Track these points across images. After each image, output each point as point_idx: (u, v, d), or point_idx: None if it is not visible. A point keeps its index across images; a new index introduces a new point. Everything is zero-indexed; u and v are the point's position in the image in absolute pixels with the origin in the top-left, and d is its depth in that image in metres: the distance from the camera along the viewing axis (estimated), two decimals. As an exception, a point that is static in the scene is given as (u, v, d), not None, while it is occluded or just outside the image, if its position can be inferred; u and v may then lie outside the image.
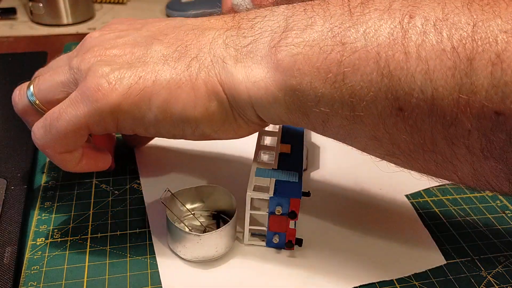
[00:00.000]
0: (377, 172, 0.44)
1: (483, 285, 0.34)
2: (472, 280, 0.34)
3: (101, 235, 0.36)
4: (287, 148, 0.38)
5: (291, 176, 0.35)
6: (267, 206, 0.33)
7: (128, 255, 0.35)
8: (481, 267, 0.35)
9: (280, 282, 0.33)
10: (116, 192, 0.40)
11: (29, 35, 0.71)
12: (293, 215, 0.33)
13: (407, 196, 0.41)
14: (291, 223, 0.34)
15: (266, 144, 0.39)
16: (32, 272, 0.33)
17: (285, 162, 0.36)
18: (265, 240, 0.35)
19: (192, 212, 0.37)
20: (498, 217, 0.40)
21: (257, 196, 0.33)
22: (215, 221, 0.37)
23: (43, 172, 0.42)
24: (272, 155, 0.37)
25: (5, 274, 0.31)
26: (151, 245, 0.35)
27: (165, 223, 0.34)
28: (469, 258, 0.36)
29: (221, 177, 0.42)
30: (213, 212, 0.37)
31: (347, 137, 0.29)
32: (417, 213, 0.40)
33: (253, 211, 0.35)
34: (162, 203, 0.34)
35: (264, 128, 0.41)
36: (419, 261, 0.35)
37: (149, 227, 0.37)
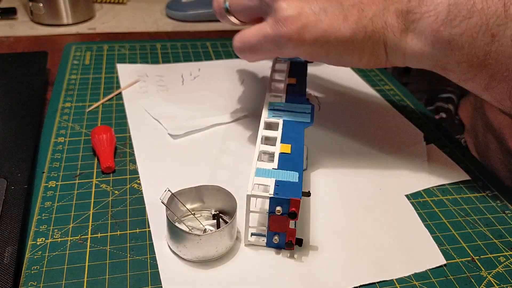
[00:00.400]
0: (377, 172, 0.44)
1: (483, 285, 0.34)
2: (472, 280, 0.34)
3: (101, 235, 0.36)
4: (287, 148, 0.38)
5: (291, 176, 0.35)
6: (267, 206, 0.33)
7: (128, 255, 0.35)
8: (481, 267, 0.35)
9: (280, 282, 0.33)
10: (116, 192, 0.40)
11: (29, 35, 0.71)
12: (293, 215, 0.33)
13: (407, 196, 0.41)
14: (291, 223, 0.34)
15: (267, 144, 0.39)
16: (32, 272, 0.33)
17: (285, 162, 0.36)
18: (265, 240, 0.35)
19: (192, 212, 0.37)
20: (498, 217, 0.40)
21: (257, 196, 0.33)
22: (215, 221, 0.37)
23: (43, 172, 0.42)
24: (272, 155, 0.37)
25: (5, 274, 0.31)
26: (151, 245, 0.35)
27: (165, 223, 0.34)
28: (469, 258, 0.36)
29: (221, 177, 0.42)
30: (213, 212, 0.37)
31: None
32: (417, 213, 0.40)
33: (253, 211, 0.35)
34: (162, 203, 0.34)
35: (265, 128, 0.41)
36: (419, 261, 0.35)
37: (149, 227, 0.37)
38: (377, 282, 0.33)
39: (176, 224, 0.33)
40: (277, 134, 0.40)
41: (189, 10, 0.77)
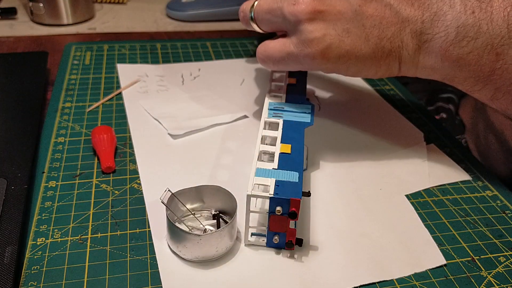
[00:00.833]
0: (377, 172, 0.44)
1: (483, 285, 0.34)
2: (472, 280, 0.34)
3: (101, 235, 0.36)
4: (287, 148, 0.38)
5: (291, 176, 0.35)
6: (267, 206, 0.33)
7: (128, 255, 0.35)
8: (481, 267, 0.35)
9: (280, 282, 0.33)
10: (116, 192, 0.40)
11: (29, 35, 0.71)
12: (293, 215, 0.33)
13: (407, 196, 0.41)
14: (291, 223, 0.34)
15: (267, 144, 0.39)
16: (32, 272, 0.33)
17: (285, 162, 0.36)
18: (265, 240, 0.35)
19: (192, 212, 0.37)
20: (498, 217, 0.40)
21: (257, 196, 0.33)
22: (215, 221, 0.37)
23: (43, 172, 0.42)
24: (272, 155, 0.37)
25: (5, 274, 0.31)
26: (151, 245, 0.35)
27: (165, 223, 0.34)
28: (469, 258, 0.36)
29: (221, 177, 0.42)
30: (213, 212, 0.37)
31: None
32: (417, 213, 0.40)
33: (253, 211, 0.35)
34: (162, 203, 0.34)
35: (265, 128, 0.41)
36: (419, 261, 0.35)
37: (149, 227, 0.37)
38: (377, 282, 0.33)
39: (176, 224, 0.33)
40: (277, 134, 0.40)
41: (189, 10, 0.77)
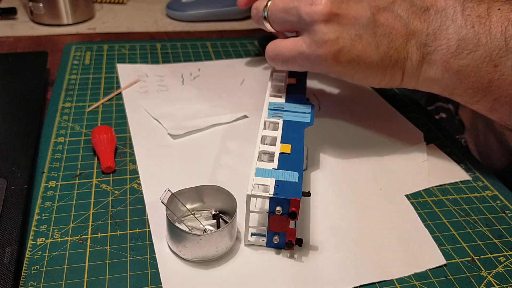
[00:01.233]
0: (377, 172, 0.44)
1: (483, 285, 0.34)
2: (472, 280, 0.34)
3: (101, 235, 0.36)
4: (287, 148, 0.38)
5: (291, 176, 0.35)
6: (267, 206, 0.33)
7: (128, 255, 0.35)
8: (481, 267, 0.35)
9: (280, 282, 0.33)
10: (116, 192, 0.40)
11: (29, 35, 0.71)
12: (293, 215, 0.33)
13: (407, 196, 0.41)
14: (291, 223, 0.34)
15: (267, 144, 0.39)
16: (32, 272, 0.33)
17: (285, 162, 0.36)
18: (265, 240, 0.35)
19: (192, 212, 0.37)
20: (498, 217, 0.40)
21: (257, 196, 0.33)
22: (215, 221, 0.37)
23: (43, 172, 0.42)
24: (272, 155, 0.37)
25: (5, 274, 0.31)
26: (151, 245, 0.35)
27: (165, 223, 0.34)
28: (469, 258, 0.36)
29: (221, 177, 0.42)
30: (213, 212, 0.37)
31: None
32: (417, 213, 0.40)
33: (253, 211, 0.35)
34: (162, 203, 0.34)
35: (265, 128, 0.41)
36: (419, 261, 0.35)
37: (149, 227, 0.37)
38: (377, 282, 0.33)
39: (176, 224, 0.33)
40: (277, 134, 0.40)
41: (189, 10, 0.77)
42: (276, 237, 0.35)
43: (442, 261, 0.35)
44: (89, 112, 0.51)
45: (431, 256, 0.36)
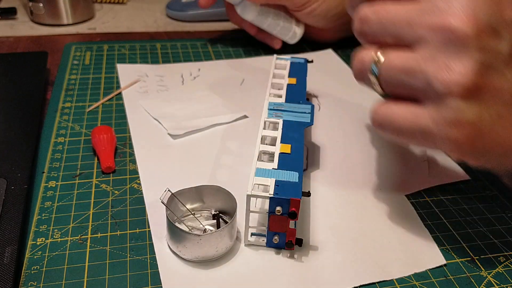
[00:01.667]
0: (377, 172, 0.44)
1: (483, 285, 0.34)
2: (472, 280, 0.34)
3: (101, 235, 0.36)
4: (287, 148, 0.38)
5: (291, 176, 0.35)
6: (267, 206, 0.33)
7: (128, 255, 0.35)
8: (481, 267, 0.35)
9: (280, 282, 0.33)
10: (116, 192, 0.40)
11: (29, 35, 0.71)
12: (293, 215, 0.33)
13: (407, 196, 0.41)
14: (291, 223, 0.34)
15: (266, 144, 0.39)
16: (32, 272, 0.33)
17: (285, 162, 0.36)
18: (265, 240, 0.35)
19: (192, 212, 0.37)
20: (498, 217, 0.40)
21: (257, 196, 0.33)
22: (215, 221, 0.37)
23: (43, 172, 0.42)
24: (272, 155, 0.37)
25: (5, 274, 0.31)
26: (151, 245, 0.35)
27: (165, 223, 0.34)
28: (469, 258, 0.36)
29: (221, 177, 0.42)
30: (213, 212, 0.37)
31: None
32: (417, 213, 0.40)
33: (253, 211, 0.35)
34: (162, 203, 0.34)
35: (265, 128, 0.41)
36: (419, 261, 0.35)
37: (149, 227, 0.37)
38: (377, 282, 0.33)
39: (176, 224, 0.33)
40: (277, 134, 0.40)
41: (189, 10, 0.77)
42: (276, 237, 0.35)
43: (442, 261, 0.35)
44: (89, 112, 0.51)
45: (431, 256, 0.36)
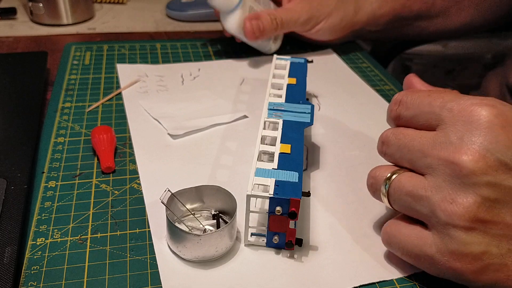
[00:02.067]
0: (377, 172, 0.44)
1: (483, 285, 0.34)
2: (472, 280, 0.34)
3: (101, 235, 0.36)
4: (287, 148, 0.38)
5: (291, 176, 0.35)
6: (267, 206, 0.33)
7: (128, 255, 0.35)
8: (481, 267, 0.35)
9: (280, 282, 0.33)
10: (116, 192, 0.40)
11: (29, 35, 0.71)
12: (293, 215, 0.33)
13: (407, 196, 0.41)
14: (291, 223, 0.34)
15: (266, 144, 0.39)
16: (32, 272, 0.33)
17: (285, 162, 0.36)
18: (265, 240, 0.35)
19: (192, 212, 0.37)
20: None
21: (257, 196, 0.33)
22: (215, 221, 0.37)
23: (43, 172, 0.42)
24: (272, 155, 0.37)
25: (5, 274, 0.31)
26: (151, 245, 0.35)
27: (165, 223, 0.34)
28: (469, 258, 0.36)
29: (221, 177, 0.42)
30: (213, 212, 0.37)
31: None
32: (417, 213, 0.40)
33: (253, 211, 0.35)
34: (162, 203, 0.34)
35: (265, 128, 0.41)
36: (419, 261, 0.35)
37: (149, 227, 0.37)
38: (377, 282, 0.33)
39: (176, 224, 0.33)
40: (277, 134, 0.40)
41: (189, 10, 0.77)
42: (276, 237, 0.35)
43: (442, 261, 0.35)
44: (89, 112, 0.51)
45: (431, 256, 0.36)
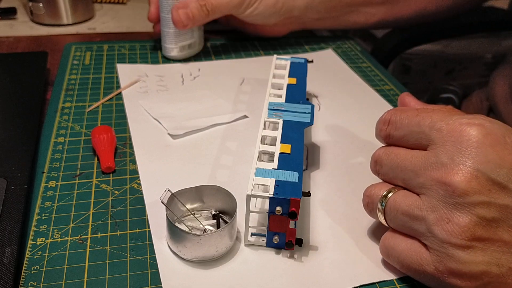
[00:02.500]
0: (377, 172, 0.44)
1: (483, 285, 0.34)
2: (472, 280, 0.34)
3: (101, 235, 0.36)
4: (287, 148, 0.38)
5: (291, 176, 0.35)
6: (267, 206, 0.33)
7: (128, 255, 0.35)
8: (481, 267, 0.35)
9: (280, 282, 0.33)
10: (116, 192, 0.40)
11: (29, 35, 0.71)
12: (293, 215, 0.33)
13: (407, 196, 0.41)
14: (291, 223, 0.34)
15: (266, 144, 0.39)
16: (32, 272, 0.33)
17: (285, 162, 0.36)
18: (265, 240, 0.35)
19: (192, 212, 0.37)
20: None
21: (257, 196, 0.33)
22: (215, 221, 0.37)
23: (43, 172, 0.42)
24: (272, 155, 0.37)
25: (5, 274, 0.31)
26: (151, 245, 0.35)
27: (165, 223, 0.34)
28: (469, 258, 0.36)
29: (221, 177, 0.42)
30: (213, 212, 0.37)
31: None
32: (417, 213, 0.40)
33: (253, 211, 0.35)
34: (162, 203, 0.34)
35: (265, 128, 0.41)
36: (419, 261, 0.35)
37: (149, 227, 0.37)
38: (377, 282, 0.33)
39: (176, 224, 0.33)
40: (277, 134, 0.40)
41: (189, 10, 0.77)
42: (276, 237, 0.35)
43: (442, 261, 0.35)
44: (89, 112, 0.51)
45: (431, 256, 0.36)
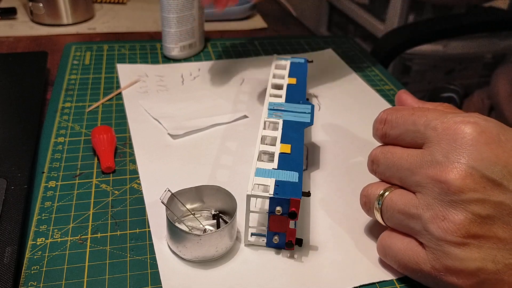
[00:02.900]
0: (377, 172, 0.44)
1: (483, 285, 0.34)
2: (472, 280, 0.34)
3: (101, 235, 0.36)
4: (287, 148, 0.38)
5: (291, 176, 0.35)
6: (267, 206, 0.33)
7: (128, 255, 0.35)
8: (481, 267, 0.35)
9: (280, 282, 0.33)
10: (116, 192, 0.40)
11: (29, 35, 0.71)
12: (293, 215, 0.33)
13: (407, 196, 0.41)
14: (291, 223, 0.34)
15: (266, 144, 0.39)
16: (32, 272, 0.33)
17: (285, 162, 0.36)
18: (265, 240, 0.35)
19: (192, 212, 0.37)
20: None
21: (257, 196, 0.33)
22: (215, 221, 0.37)
23: (43, 172, 0.42)
24: (272, 155, 0.37)
25: (5, 274, 0.31)
26: (151, 245, 0.35)
27: (165, 223, 0.34)
28: (469, 258, 0.36)
29: (221, 177, 0.42)
30: (213, 212, 0.37)
31: None
32: (417, 213, 0.40)
33: (253, 211, 0.35)
34: (162, 203, 0.34)
35: (265, 128, 0.41)
36: (419, 261, 0.35)
37: (149, 227, 0.37)
38: (377, 282, 0.33)
39: (176, 224, 0.33)
40: (277, 134, 0.40)
41: (189, 10, 0.77)
42: (276, 237, 0.35)
43: (442, 261, 0.35)
44: (89, 112, 0.51)
45: (431, 256, 0.36)
